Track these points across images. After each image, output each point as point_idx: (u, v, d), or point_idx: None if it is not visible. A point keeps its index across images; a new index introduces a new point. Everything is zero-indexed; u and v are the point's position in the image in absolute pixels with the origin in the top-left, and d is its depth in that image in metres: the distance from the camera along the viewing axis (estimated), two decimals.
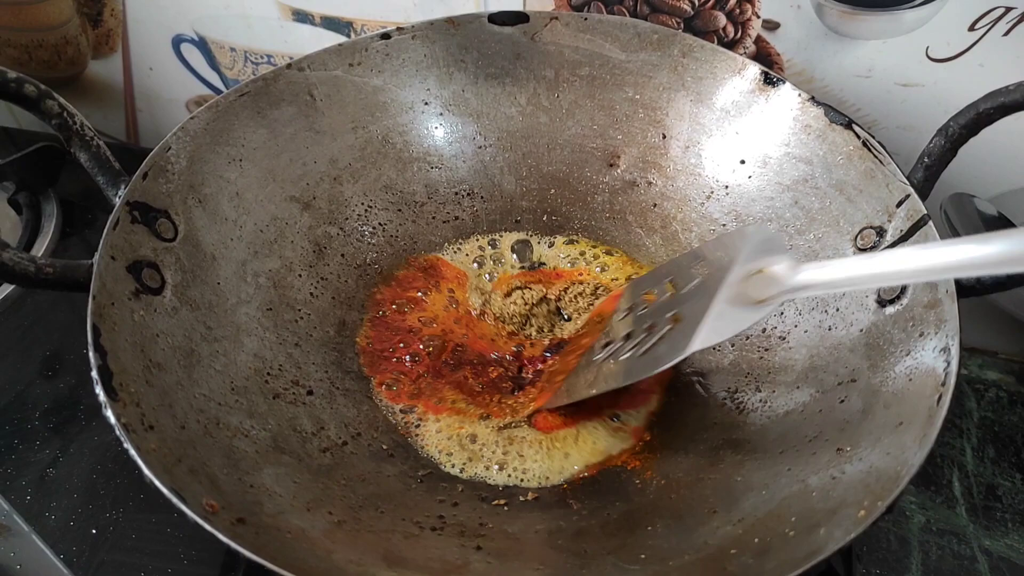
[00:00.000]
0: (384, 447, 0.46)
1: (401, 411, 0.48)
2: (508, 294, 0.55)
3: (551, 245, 0.58)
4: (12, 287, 0.61)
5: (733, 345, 0.50)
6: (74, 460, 0.51)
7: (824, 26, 0.55)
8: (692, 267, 0.44)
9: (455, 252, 0.57)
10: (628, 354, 0.44)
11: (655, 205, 0.57)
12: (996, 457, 0.55)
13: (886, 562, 0.49)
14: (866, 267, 0.35)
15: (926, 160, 0.46)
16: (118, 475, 0.50)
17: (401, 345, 0.51)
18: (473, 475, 0.45)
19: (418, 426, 0.47)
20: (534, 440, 0.46)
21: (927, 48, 0.54)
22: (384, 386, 0.49)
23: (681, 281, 0.44)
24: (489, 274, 0.57)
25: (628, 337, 0.45)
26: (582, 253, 0.58)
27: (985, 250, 0.30)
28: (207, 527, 0.32)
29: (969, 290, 0.41)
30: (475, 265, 0.57)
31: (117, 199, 0.44)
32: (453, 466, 0.46)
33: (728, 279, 0.39)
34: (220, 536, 0.32)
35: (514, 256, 0.58)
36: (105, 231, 0.41)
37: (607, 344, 0.47)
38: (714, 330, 0.38)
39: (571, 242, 0.58)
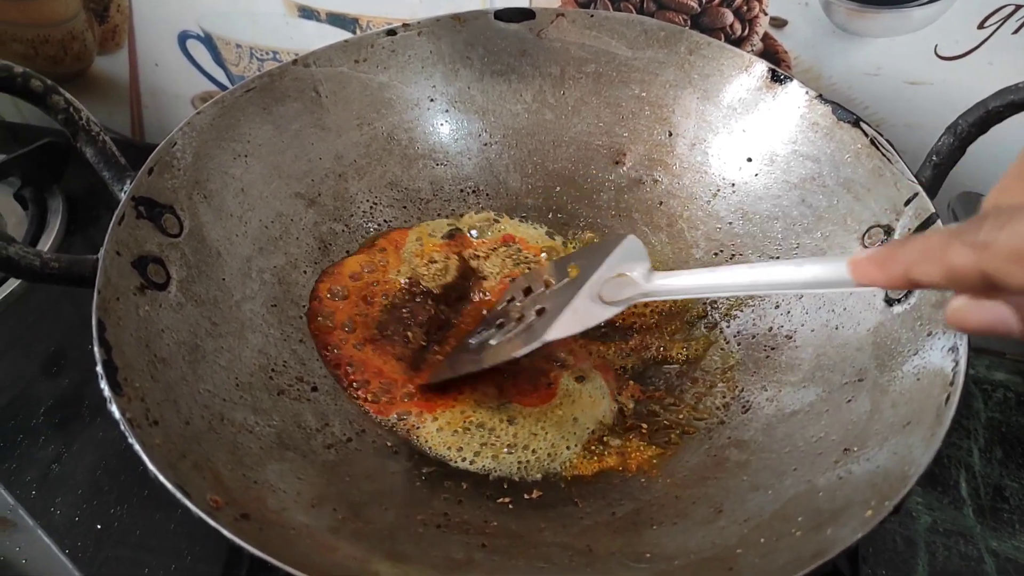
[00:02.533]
0: (388, 444, 0.45)
1: (398, 418, 0.47)
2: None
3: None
4: (15, 284, 0.61)
5: (739, 344, 0.50)
6: (78, 456, 0.51)
7: (832, 24, 0.55)
8: (567, 267, 0.47)
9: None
10: (496, 340, 0.47)
11: (661, 203, 0.57)
12: (1003, 458, 0.54)
13: (892, 563, 0.49)
14: (705, 279, 0.40)
15: (934, 158, 0.46)
16: (122, 471, 0.50)
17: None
18: (482, 467, 0.45)
19: (418, 428, 0.47)
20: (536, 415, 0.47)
21: (936, 46, 0.54)
22: (370, 401, 0.48)
23: (556, 279, 0.48)
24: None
25: (501, 325, 0.48)
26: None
27: (801, 274, 0.35)
28: (211, 523, 0.32)
29: None
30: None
31: (122, 194, 0.44)
32: (464, 459, 0.45)
33: (591, 279, 0.43)
34: (224, 532, 0.32)
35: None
36: (111, 226, 0.41)
37: (482, 330, 0.50)
38: (568, 323, 0.42)
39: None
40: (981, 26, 0.52)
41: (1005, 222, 0.26)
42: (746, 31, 0.58)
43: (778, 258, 0.52)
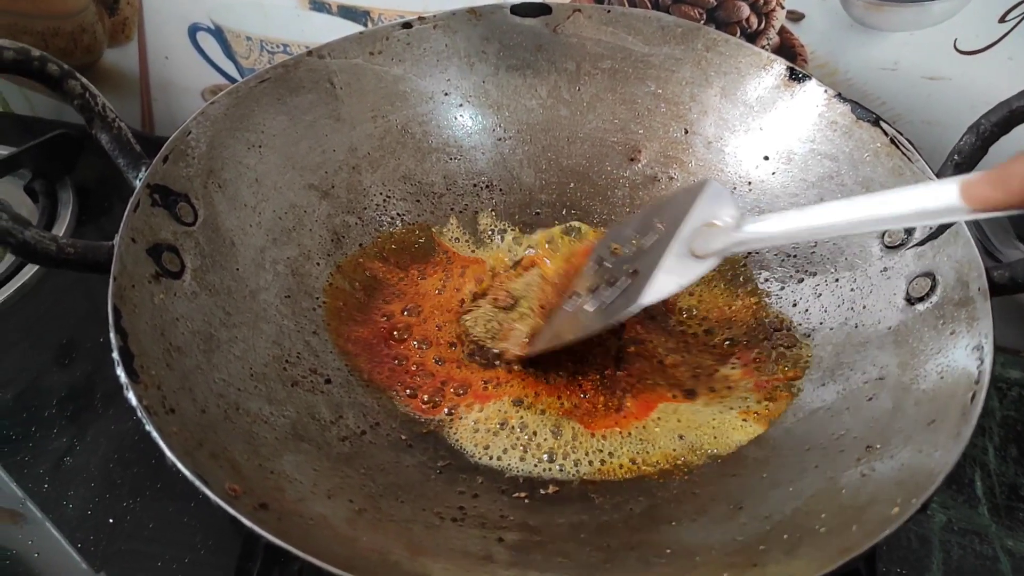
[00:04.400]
0: (403, 437, 0.45)
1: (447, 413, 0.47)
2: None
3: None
4: (28, 275, 0.61)
5: (761, 339, 0.50)
6: (91, 448, 0.51)
7: (850, 17, 0.55)
8: (653, 221, 0.45)
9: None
10: (592, 306, 0.45)
11: None
12: (1019, 456, 0.54)
13: (907, 561, 0.49)
14: (803, 220, 0.37)
15: (956, 158, 0.45)
16: (135, 464, 0.50)
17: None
18: (507, 465, 0.45)
19: (454, 423, 0.46)
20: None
21: (955, 40, 0.54)
22: (408, 395, 0.48)
23: (643, 236, 0.45)
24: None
25: (593, 290, 0.46)
26: None
27: (906, 204, 0.33)
28: (231, 511, 0.32)
29: (1002, 288, 0.41)
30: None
31: (137, 182, 0.43)
32: (491, 457, 0.45)
33: (679, 233, 0.41)
34: (244, 520, 0.31)
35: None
36: (126, 213, 0.41)
37: (575, 296, 0.48)
38: (664, 284, 0.40)
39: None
40: (1002, 20, 0.52)
41: None
42: (762, 25, 0.57)
43: (795, 256, 0.51)
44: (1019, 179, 0.28)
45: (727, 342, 0.51)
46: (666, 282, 0.40)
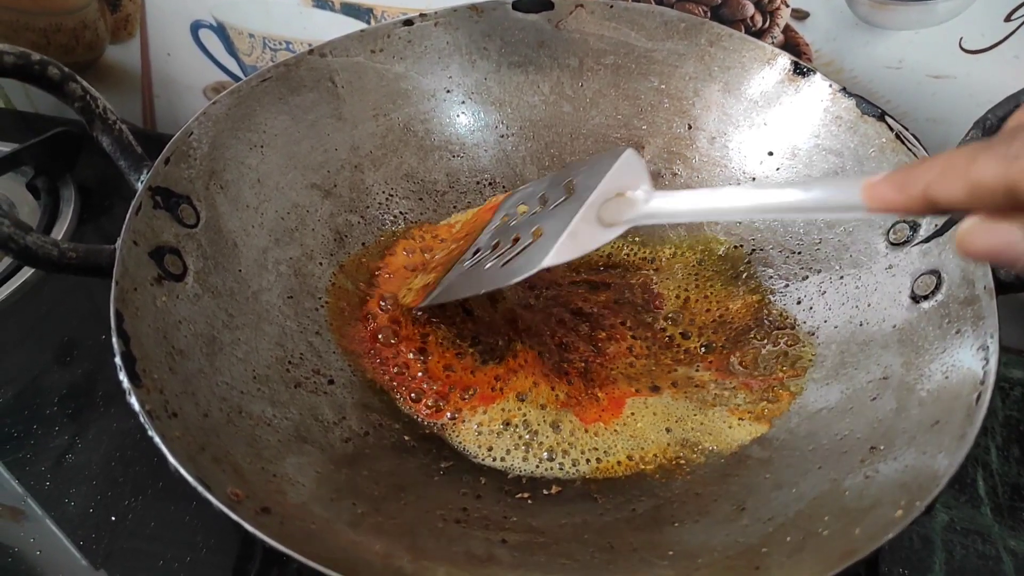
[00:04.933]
0: (406, 438, 0.45)
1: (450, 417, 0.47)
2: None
3: None
4: (29, 274, 0.61)
5: (760, 338, 0.50)
6: (92, 447, 0.51)
7: (855, 16, 0.54)
8: (563, 183, 0.44)
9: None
10: (491, 263, 0.44)
11: None
12: (1022, 456, 0.54)
13: (909, 561, 0.49)
14: (710, 201, 0.37)
15: None
16: (137, 462, 0.50)
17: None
18: (510, 465, 0.45)
19: (457, 426, 0.46)
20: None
21: (960, 39, 0.53)
22: (411, 400, 0.48)
23: (551, 196, 0.45)
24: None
25: (495, 247, 0.46)
26: None
27: (809, 196, 0.32)
28: (233, 516, 0.32)
29: (1008, 287, 0.40)
30: None
31: (139, 184, 0.43)
32: (494, 458, 0.45)
33: (589, 199, 0.40)
34: (246, 526, 0.31)
35: None
36: (128, 216, 0.41)
37: (476, 252, 0.47)
38: (566, 247, 0.39)
39: None
40: (1008, 18, 0.51)
41: None
42: (767, 23, 0.57)
43: (799, 253, 0.51)
44: (920, 184, 0.28)
45: (703, 348, 0.51)
46: (570, 245, 0.39)
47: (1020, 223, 0.27)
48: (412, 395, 0.47)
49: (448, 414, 0.46)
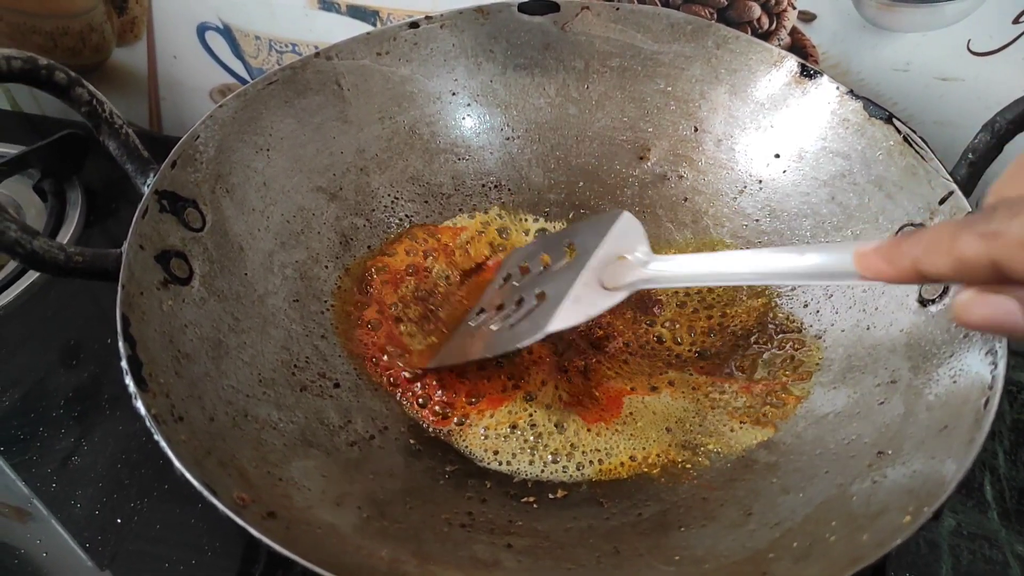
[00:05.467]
0: (412, 442, 0.45)
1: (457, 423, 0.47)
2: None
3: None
4: (35, 277, 0.61)
5: (763, 342, 0.49)
6: (98, 449, 0.51)
7: (862, 18, 0.54)
8: (563, 244, 0.45)
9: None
10: (497, 326, 0.45)
11: (686, 199, 0.56)
12: None
13: (915, 566, 0.48)
14: (708, 266, 0.39)
15: (970, 156, 0.45)
16: (142, 465, 0.50)
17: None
18: (517, 469, 0.45)
19: (463, 431, 0.46)
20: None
21: (968, 41, 0.53)
22: (418, 405, 0.48)
23: (553, 257, 0.45)
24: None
25: (500, 308, 0.46)
26: None
27: (803, 262, 0.34)
28: (239, 521, 0.32)
29: None
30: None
31: (145, 188, 0.43)
32: (500, 463, 0.45)
33: (590, 263, 0.41)
34: (252, 531, 0.31)
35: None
36: (134, 220, 0.41)
37: (480, 312, 0.48)
38: (570, 312, 0.40)
39: None
40: (1016, 21, 0.51)
41: (1017, 211, 0.26)
42: (774, 25, 0.57)
43: None
44: (908, 259, 0.29)
45: (696, 353, 0.50)
46: (574, 311, 0.40)
47: (1014, 294, 0.27)
48: (419, 400, 0.47)
49: (455, 420, 0.46)
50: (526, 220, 0.57)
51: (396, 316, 0.51)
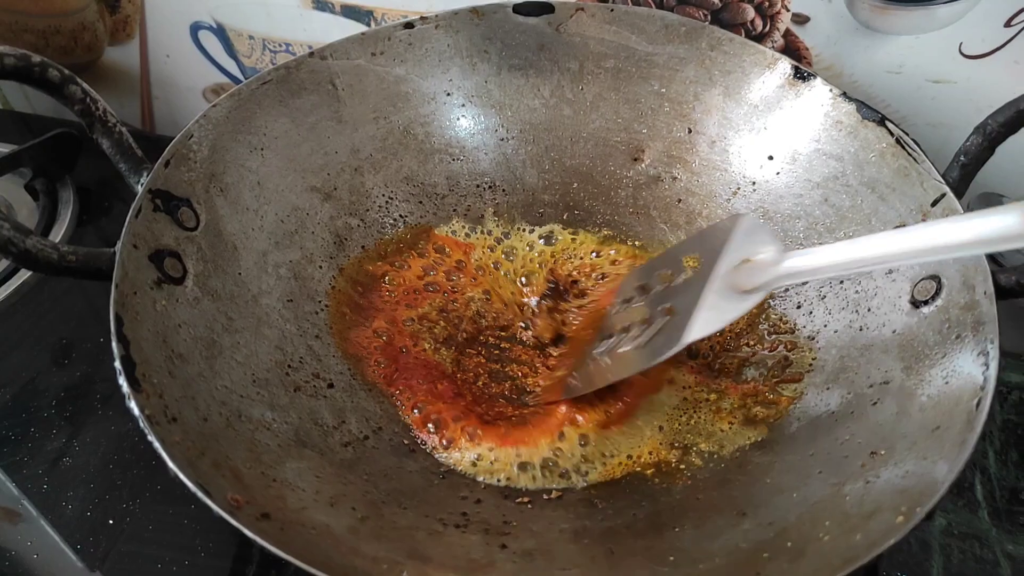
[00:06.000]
0: (405, 442, 0.45)
1: (443, 442, 0.46)
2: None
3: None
4: (27, 276, 0.61)
5: (753, 344, 0.50)
6: (90, 449, 0.51)
7: (855, 21, 0.55)
8: (683, 258, 0.45)
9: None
10: (628, 346, 0.44)
11: (680, 200, 0.56)
12: (1019, 461, 0.54)
13: (907, 565, 0.49)
14: (850, 252, 0.36)
15: (962, 159, 0.45)
16: (134, 465, 0.50)
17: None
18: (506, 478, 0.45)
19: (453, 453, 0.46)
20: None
21: (960, 44, 0.53)
22: (416, 410, 0.47)
23: (673, 272, 0.45)
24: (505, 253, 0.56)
25: (627, 329, 0.46)
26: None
27: (964, 233, 0.31)
28: (233, 522, 0.32)
29: (1008, 292, 0.40)
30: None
31: (139, 187, 0.43)
32: (496, 479, 0.44)
33: (717, 270, 0.40)
34: (246, 532, 0.31)
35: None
36: (127, 219, 0.41)
37: (607, 337, 0.48)
38: (706, 321, 0.39)
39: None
40: (1008, 24, 0.51)
41: None
42: (767, 27, 0.57)
43: None
44: None
45: (687, 354, 0.50)
46: (710, 319, 0.39)
47: None
48: (415, 408, 0.47)
49: (444, 441, 0.46)
50: (524, 231, 0.57)
51: (413, 332, 0.50)
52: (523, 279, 0.55)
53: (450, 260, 0.55)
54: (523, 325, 0.52)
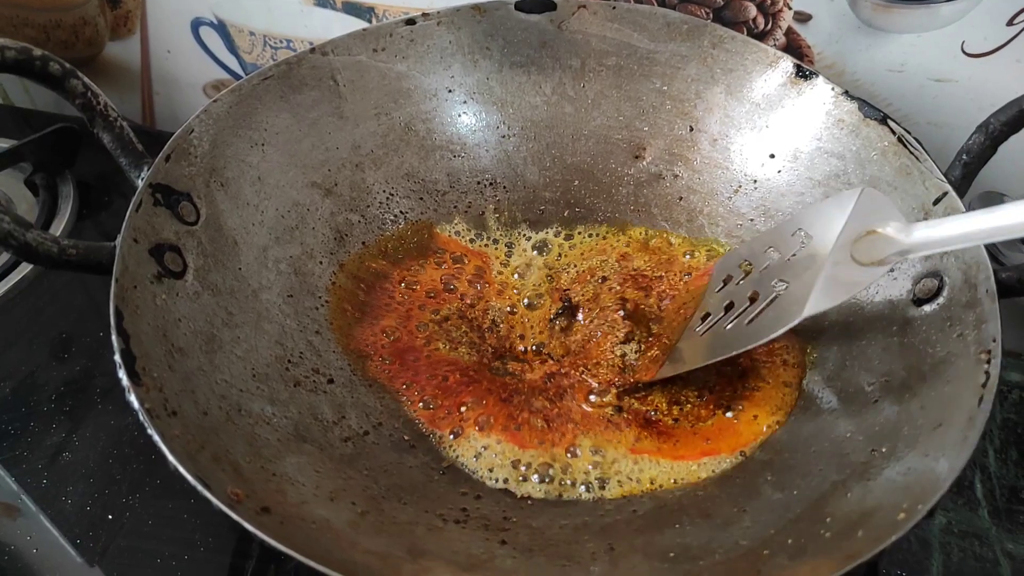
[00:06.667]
0: (405, 438, 0.45)
1: (450, 433, 0.46)
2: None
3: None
4: (27, 270, 0.61)
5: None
6: (89, 444, 0.51)
7: (857, 19, 0.55)
8: (792, 235, 0.43)
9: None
10: (732, 324, 0.44)
11: (681, 198, 0.56)
12: (1019, 459, 0.54)
13: (906, 563, 0.48)
14: (983, 222, 0.35)
15: (964, 157, 0.45)
16: (134, 460, 0.50)
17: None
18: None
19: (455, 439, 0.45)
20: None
21: (962, 43, 0.53)
22: (421, 405, 0.47)
23: (783, 249, 0.44)
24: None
25: (729, 308, 0.45)
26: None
27: None
28: (233, 516, 0.31)
29: (1009, 290, 0.40)
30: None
31: (139, 181, 0.43)
32: (495, 480, 0.44)
33: (837, 242, 0.39)
34: (246, 525, 0.31)
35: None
36: (128, 213, 0.41)
37: (706, 316, 0.46)
38: (826, 294, 0.38)
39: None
40: (1010, 23, 0.51)
41: None
42: (769, 25, 0.57)
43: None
44: None
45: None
46: (832, 291, 0.38)
47: None
48: (422, 403, 0.47)
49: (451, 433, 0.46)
50: (523, 235, 0.57)
51: (428, 335, 0.50)
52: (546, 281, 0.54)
53: (471, 269, 0.55)
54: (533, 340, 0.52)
